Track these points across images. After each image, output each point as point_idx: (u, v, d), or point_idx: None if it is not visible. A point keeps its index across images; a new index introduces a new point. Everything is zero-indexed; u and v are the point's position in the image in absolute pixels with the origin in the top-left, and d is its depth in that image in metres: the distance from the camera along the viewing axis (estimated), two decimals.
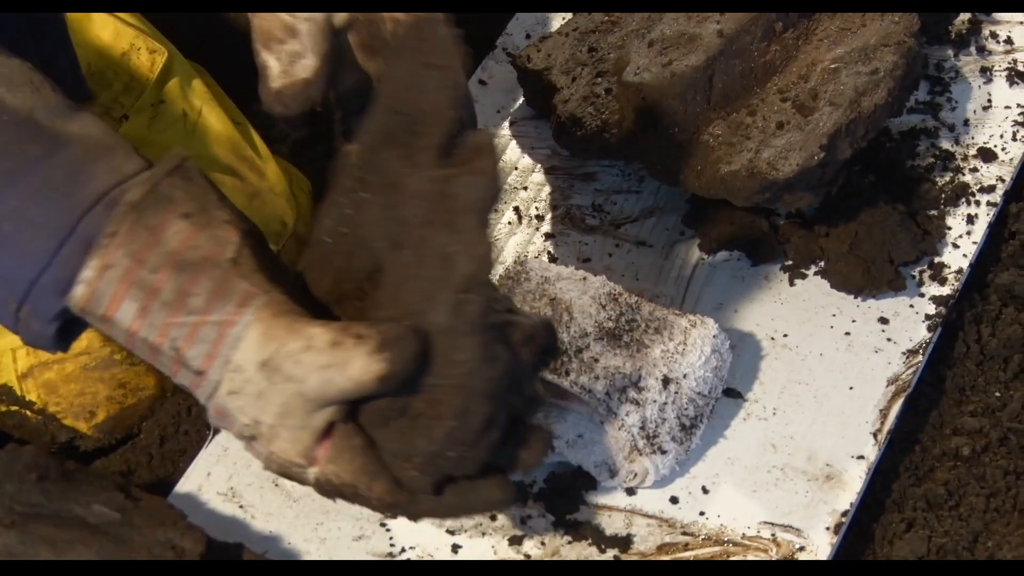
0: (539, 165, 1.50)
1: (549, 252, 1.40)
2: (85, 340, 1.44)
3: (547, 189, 1.47)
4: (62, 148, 1.03)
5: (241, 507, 1.29)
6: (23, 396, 1.45)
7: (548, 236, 1.44)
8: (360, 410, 1.04)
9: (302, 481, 1.04)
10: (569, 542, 1.25)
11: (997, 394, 1.35)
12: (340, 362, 1.00)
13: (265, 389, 1.02)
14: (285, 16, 1.07)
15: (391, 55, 1.06)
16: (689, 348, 1.28)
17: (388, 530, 1.27)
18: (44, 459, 1.23)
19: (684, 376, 1.28)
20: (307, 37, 1.09)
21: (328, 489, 1.04)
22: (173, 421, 1.42)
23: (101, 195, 1.02)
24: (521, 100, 1.51)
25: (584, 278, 1.34)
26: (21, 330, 1.02)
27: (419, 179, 1.00)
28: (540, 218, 1.45)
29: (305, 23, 1.08)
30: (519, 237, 1.44)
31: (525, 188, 1.47)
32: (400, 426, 1.03)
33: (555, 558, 1.24)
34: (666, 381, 1.25)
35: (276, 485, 1.30)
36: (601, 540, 1.24)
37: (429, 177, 1.00)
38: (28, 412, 1.46)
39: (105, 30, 1.51)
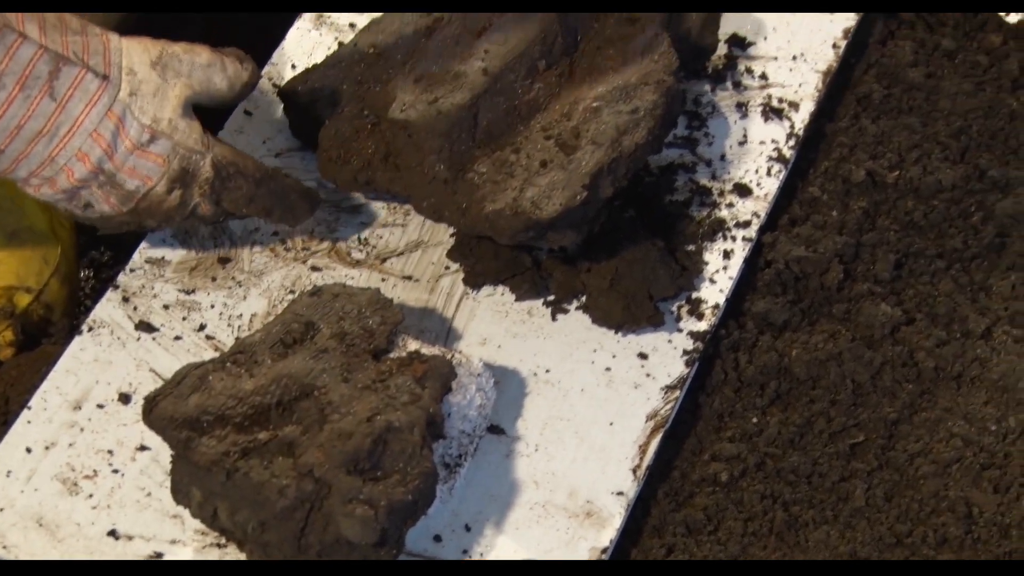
0: None
1: (315, 285, 1.38)
2: None
3: (314, 222, 1.46)
4: None
5: (4, 548, 1.29)
6: None
7: (315, 268, 1.44)
8: None
9: (197, 174, 1.28)
10: None
11: (754, 420, 1.38)
12: (219, 64, 1.27)
13: (161, 86, 1.24)
14: None
15: None
16: (453, 388, 1.29)
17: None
18: None
19: (448, 415, 1.28)
20: None
21: (225, 165, 1.29)
22: None
23: None
24: (287, 131, 1.50)
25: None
26: None
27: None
28: (307, 250, 1.45)
29: None
30: (286, 270, 1.44)
31: None
32: None
33: None
34: (433, 425, 1.25)
35: (40, 526, 1.30)
36: None
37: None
38: None
39: None
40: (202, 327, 1.42)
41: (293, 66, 1.56)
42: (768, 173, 1.49)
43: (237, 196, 1.30)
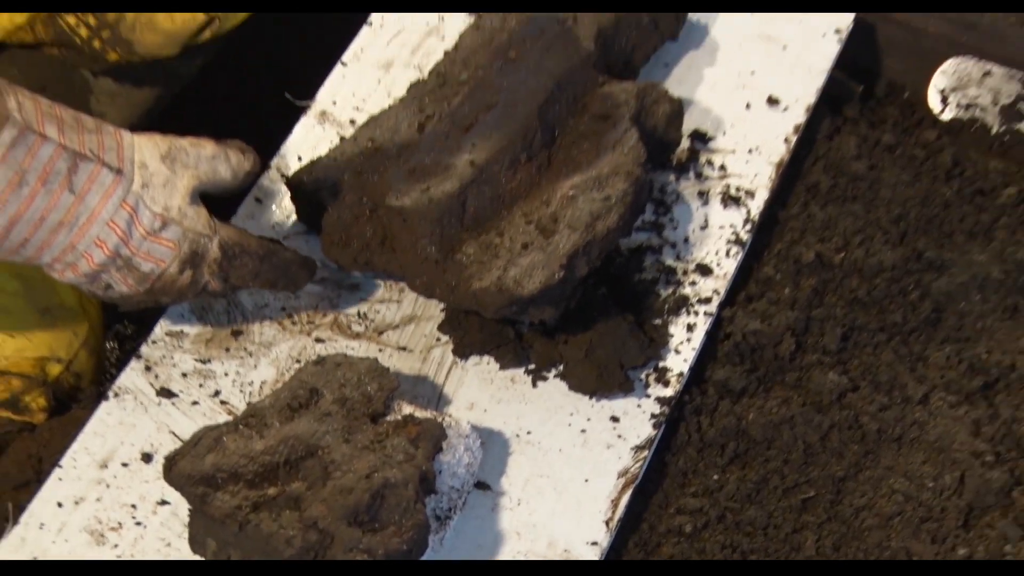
0: None
1: (319, 355, 1.38)
2: None
3: (317, 298, 1.48)
4: None
5: None
6: None
7: (318, 340, 1.44)
8: None
9: (206, 255, 1.29)
10: None
11: (715, 477, 1.39)
12: (223, 155, 1.29)
13: (170, 177, 1.26)
14: None
15: None
16: (444, 448, 1.29)
17: None
18: None
19: (439, 473, 1.29)
20: None
21: (231, 245, 1.31)
22: None
23: None
24: (294, 217, 1.52)
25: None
26: None
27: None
28: (311, 323, 1.46)
29: None
30: (292, 342, 1.45)
31: (298, 297, 1.47)
32: None
33: None
34: (425, 481, 1.26)
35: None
36: None
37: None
38: None
39: None
40: (217, 393, 1.42)
41: (299, 158, 1.57)
42: (727, 254, 1.50)
43: (243, 272, 1.33)
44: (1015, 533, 1.35)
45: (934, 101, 1.67)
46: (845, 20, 1.66)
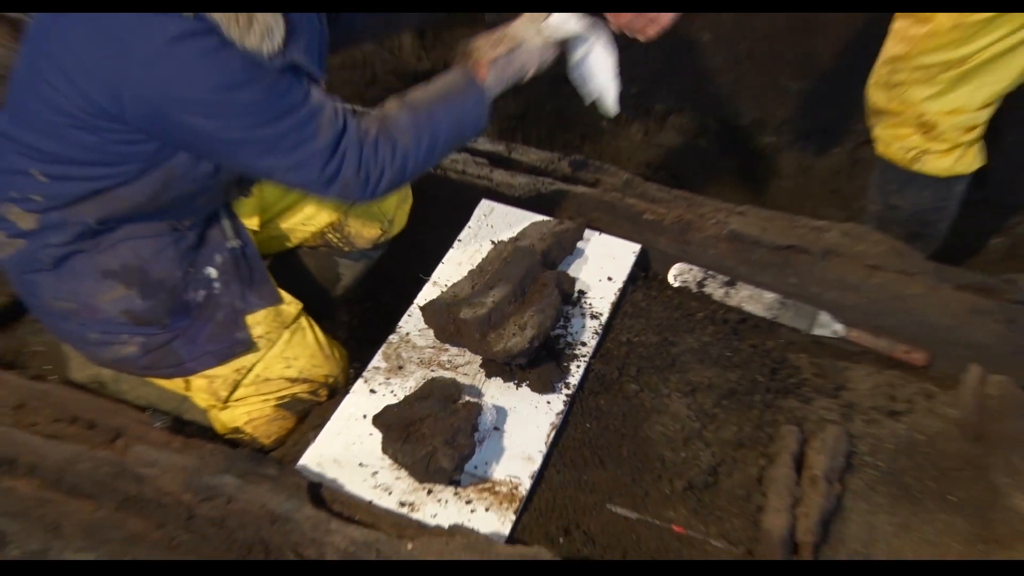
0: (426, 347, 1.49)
1: (432, 378, 1.36)
2: (271, 408, 1.46)
3: (431, 353, 1.47)
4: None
5: (327, 473, 1.31)
6: (244, 432, 1.48)
7: (432, 371, 1.43)
8: None
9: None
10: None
11: (588, 425, 1.40)
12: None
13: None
14: None
15: None
16: (481, 413, 1.34)
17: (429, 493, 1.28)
18: (250, 453, 1.28)
19: (478, 424, 1.32)
20: None
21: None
22: (302, 436, 1.44)
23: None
24: (423, 322, 1.48)
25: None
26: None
27: None
28: (429, 364, 1.45)
29: None
30: (422, 372, 1.44)
31: (423, 352, 1.47)
32: None
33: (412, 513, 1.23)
34: (474, 427, 1.32)
35: (361, 465, 1.30)
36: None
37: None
38: (243, 436, 1.49)
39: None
40: (393, 392, 1.42)
41: (425, 299, 1.53)
42: (592, 338, 1.50)
43: None
44: (706, 448, 1.38)
45: (671, 280, 1.67)
46: (637, 247, 1.65)
